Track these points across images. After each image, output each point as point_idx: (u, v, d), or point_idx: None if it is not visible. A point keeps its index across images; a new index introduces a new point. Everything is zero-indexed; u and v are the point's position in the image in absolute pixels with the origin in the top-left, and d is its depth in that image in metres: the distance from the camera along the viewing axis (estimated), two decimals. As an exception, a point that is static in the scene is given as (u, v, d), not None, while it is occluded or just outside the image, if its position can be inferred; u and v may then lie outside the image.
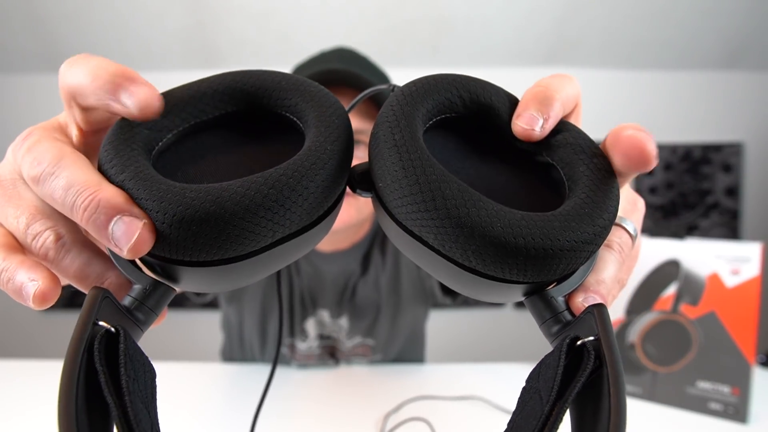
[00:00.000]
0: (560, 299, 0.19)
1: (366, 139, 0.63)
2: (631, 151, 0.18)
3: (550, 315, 0.19)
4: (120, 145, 0.19)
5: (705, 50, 2.06)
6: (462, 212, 0.17)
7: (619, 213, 0.23)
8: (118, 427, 0.14)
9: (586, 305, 0.19)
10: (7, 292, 0.18)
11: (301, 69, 0.68)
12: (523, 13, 1.87)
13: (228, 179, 0.18)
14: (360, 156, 0.59)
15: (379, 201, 0.20)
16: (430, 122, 0.21)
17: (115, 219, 0.17)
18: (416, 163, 0.18)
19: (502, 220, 0.17)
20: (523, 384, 0.18)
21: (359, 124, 0.62)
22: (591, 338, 0.16)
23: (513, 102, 0.22)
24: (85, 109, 0.20)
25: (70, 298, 2.03)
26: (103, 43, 1.90)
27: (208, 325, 1.91)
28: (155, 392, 0.17)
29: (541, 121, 0.20)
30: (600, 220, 0.18)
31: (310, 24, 1.86)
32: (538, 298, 0.19)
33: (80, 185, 0.17)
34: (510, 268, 0.17)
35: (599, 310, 0.17)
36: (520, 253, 0.17)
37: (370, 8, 1.82)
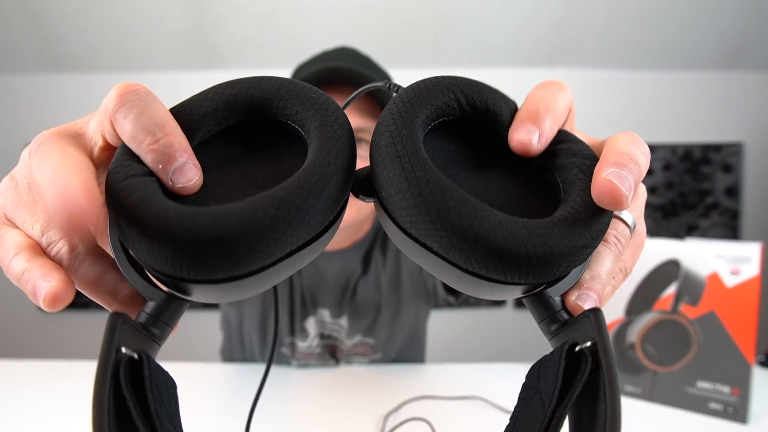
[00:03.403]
0: (557, 298, 0.20)
1: (367, 137, 0.63)
2: (604, 197, 0.18)
3: (547, 314, 0.20)
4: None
5: (705, 50, 2.06)
6: (465, 223, 0.17)
7: None
8: None
9: (580, 303, 0.20)
10: (26, 292, 0.18)
11: (303, 68, 0.68)
12: (523, 13, 1.87)
13: (235, 197, 0.18)
14: (362, 155, 0.58)
15: (382, 207, 0.21)
16: (429, 126, 0.21)
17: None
18: (419, 174, 0.18)
19: (505, 230, 0.17)
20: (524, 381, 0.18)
21: (360, 122, 0.62)
22: (588, 344, 0.17)
23: (508, 104, 0.22)
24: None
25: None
26: (103, 43, 1.90)
27: (208, 325, 1.91)
28: (178, 405, 0.18)
29: (537, 135, 0.21)
30: (597, 224, 0.19)
31: (310, 24, 1.86)
32: (536, 297, 0.20)
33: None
34: (512, 273, 0.18)
35: (596, 314, 0.18)
36: (523, 261, 0.17)
37: (370, 8, 1.82)
